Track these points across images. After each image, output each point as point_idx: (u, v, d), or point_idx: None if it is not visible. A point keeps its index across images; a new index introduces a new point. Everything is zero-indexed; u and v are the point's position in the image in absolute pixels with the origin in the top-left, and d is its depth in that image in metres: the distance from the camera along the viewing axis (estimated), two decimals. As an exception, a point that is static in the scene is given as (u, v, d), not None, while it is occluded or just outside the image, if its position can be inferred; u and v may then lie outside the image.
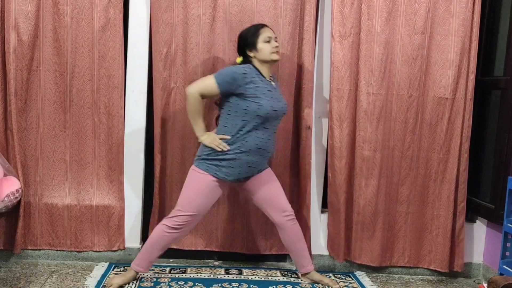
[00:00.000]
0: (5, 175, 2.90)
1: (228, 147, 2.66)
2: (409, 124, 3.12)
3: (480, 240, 3.30)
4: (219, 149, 2.65)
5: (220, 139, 2.67)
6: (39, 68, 3.02)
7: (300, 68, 3.08)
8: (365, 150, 3.08)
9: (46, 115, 3.06)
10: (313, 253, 3.21)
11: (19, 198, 2.96)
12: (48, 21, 2.99)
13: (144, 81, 3.12)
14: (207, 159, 2.70)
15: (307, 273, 2.99)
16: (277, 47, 2.72)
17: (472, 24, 3.04)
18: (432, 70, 3.08)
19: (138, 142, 3.14)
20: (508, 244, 2.93)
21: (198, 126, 2.69)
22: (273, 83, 2.78)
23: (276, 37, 2.76)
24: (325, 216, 3.28)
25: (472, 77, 3.08)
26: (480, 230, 3.30)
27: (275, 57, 2.72)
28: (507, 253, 2.93)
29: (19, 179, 2.99)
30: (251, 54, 2.72)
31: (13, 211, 3.01)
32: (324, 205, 3.31)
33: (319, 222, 3.27)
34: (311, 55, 3.04)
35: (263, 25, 2.76)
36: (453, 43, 3.04)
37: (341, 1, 3.00)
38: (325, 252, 3.28)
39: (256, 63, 2.72)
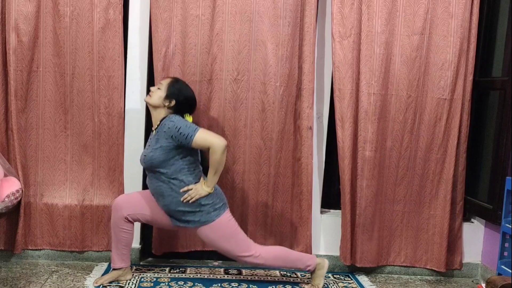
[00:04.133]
0: (5, 175, 2.91)
1: None
2: (407, 125, 3.13)
3: (478, 240, 3.31)
4: None
5: None
6: (39, 69, 3.03)
7: (300, 69, 3.09)
8: (367, 151, 3.09)
9: (46, 115, 3.07)
10: (312, 253, 3.23)
11: (19, 199, 2.97)
12: (48, 22, 2.99)
13: (144, 81, 3.13)
14: None
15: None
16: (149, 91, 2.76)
17: (470, 25, 3.06)
18: (431, 71, 3.10)
19: (138, 143, 3.15)
20: (506, 244, 2.94)
21: None
22: (154, 131, 2.73)
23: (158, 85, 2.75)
24: (324, 216, 3.30)
25: (470, 78, 3.10)
26: (478, 230, 3.31)
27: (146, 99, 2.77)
28: (505, 253, 2.95)
29: (19, 180, 2.99)
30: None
31: (14, 212, 3.02)
32: (324, 205, 3.33)
33: (319, 222, 3.29)
34: (311, 55, 3.05)
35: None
36: (451, 44, 3.05)
37: (341, 1, 3.01)
38: (324, 252, 3.30)
39: None
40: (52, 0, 2.96)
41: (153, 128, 2.74)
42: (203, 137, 2.59)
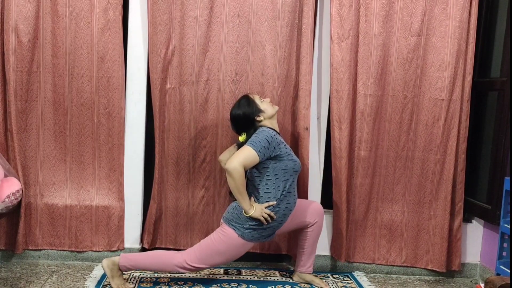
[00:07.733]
0: (5, 176, 2.92)
1: (274, 216, 2.67)
2: (403, 125, 3.15)
3: (477, 241, 3.32)
4: (268, 221, 2.65)
5: (267, 207, 2.66)
6: (39, 70, 3.03)
7: (298, 70, 3.09)
8: (362, 150, 3.12)
9: (46, 116, 3.07)
10: (311, 253, 3.24)
11: (19, 199, 2.98)
12: (47, 23, 3.00)
13: (144, 82, 3.13)
14: (254, 229, 2.67)
15: (303, 272, 3.01)
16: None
17: (468, 26, 3.06)
18: (428, 72, 3.10)
19: (138, 143, 3.16)
20: (505, 245, 2.95)
21: (246, 200, 2.62)
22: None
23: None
24: (324, 217, 3.30)
25: (469, 78, 3.10)
26: (476, 231, 3.32)
27: (276, 107, 2.85)
28: (504, 253, 2.95)
29: (19, 180, 3.01)
30: (260, 118, 2.75)
31: (14, 212, 3.03)
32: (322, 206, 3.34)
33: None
34: (309, 56, 3.05)
35: (247, 94, 2.85)
36: (449, 45, 3.05)
37: (339, 3, 3.01)
38: (324, 252, 3.30)
39: (267, 123, 2.76)
40: (51, 0, 2.97)
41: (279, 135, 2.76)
42: None
